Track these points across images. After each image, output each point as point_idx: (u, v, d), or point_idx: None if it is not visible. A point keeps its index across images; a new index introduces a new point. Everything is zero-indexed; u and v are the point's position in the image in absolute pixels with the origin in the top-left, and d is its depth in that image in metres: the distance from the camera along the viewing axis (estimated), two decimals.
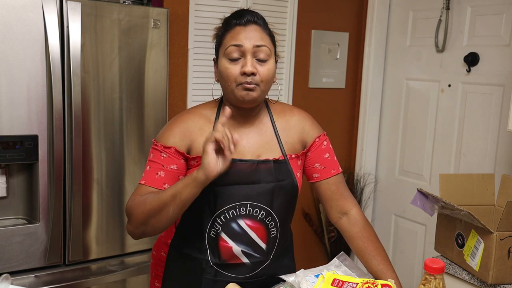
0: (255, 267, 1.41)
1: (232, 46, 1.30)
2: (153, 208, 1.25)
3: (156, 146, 1.37)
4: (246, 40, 1.30)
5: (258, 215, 1.38)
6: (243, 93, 1.31)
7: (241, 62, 1.30)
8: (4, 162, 1.88)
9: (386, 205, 3.19)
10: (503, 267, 1.61)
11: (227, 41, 1.32)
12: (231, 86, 1.32)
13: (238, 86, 1.30)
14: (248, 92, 1.30)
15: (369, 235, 1.46)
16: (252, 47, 1.30)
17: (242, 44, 1.30)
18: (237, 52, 1.30)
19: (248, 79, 1.29)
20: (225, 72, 1.32)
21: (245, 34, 1.31)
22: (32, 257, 1.97)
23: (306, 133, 1.47)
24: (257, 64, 1.31)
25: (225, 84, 1.34)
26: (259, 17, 1.35)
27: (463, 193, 1.87)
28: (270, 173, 1.38)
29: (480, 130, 2.62)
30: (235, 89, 1.31)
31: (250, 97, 1.31)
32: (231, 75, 1.30)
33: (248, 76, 1.29)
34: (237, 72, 1.30)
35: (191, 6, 2.50)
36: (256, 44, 1.30)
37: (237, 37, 1.30)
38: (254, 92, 1.31)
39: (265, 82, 1.32)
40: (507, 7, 2.48)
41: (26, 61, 1.86)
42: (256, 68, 1.30)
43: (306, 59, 2.98)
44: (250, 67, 1.29)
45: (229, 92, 1.34)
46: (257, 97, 1.32)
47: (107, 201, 2.12)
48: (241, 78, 1.30)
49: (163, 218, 1.26)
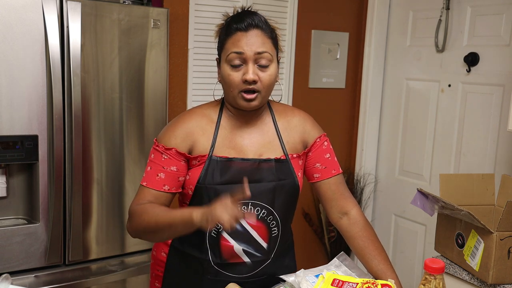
0: (255, 266, 1.41)
1: (233, 53, 1.31)
2: (150, 227, 1.30)
3: (157, 147, 1.37)
4: (247, 47, 1.30)
5: (259, 214, 1.38)
6: (244, 103, 1.33)
7: (243, 68, 1.31)
8: (4, 162, 1.88)
9: (386, 205, 3.19)
10: (503, 267, 1.61)
11: (228, 47, 1.33)
12: (233, 92, 1.34)
13: (239, 94, 1.32)
14: (248, 103, 1.33)
15: (369, 235, 1.46)
16: (254, 54, 1.31)
17: (243, 52, 1.30)
18: (238, 59, 1.31)
19: (249, 87, 1.31)
20: (227, 79, 1.33)
21: (246, 41, 1.31)
22: (32, 257, 1.96)
23: (307, 134, 1.48)
24: (258, 70, 1.32)
25: (227, 89, 1.36)
26: (260, 19, 1.35)
27: (463, 193, 1.87)
28: (272, 172, 1.39)
29: (480, 130, 2.62)
30: (236, 96, 1.33)
31: (251, 107, 1.35)
32: (233, 82, 1.32)
33: (249, 84, 1.31)
34: (239, 79, 1.31)
35: (191, 6, 2.50)
36: (257, 51, 1.31)
37: (238, 44, 1.31)
38: (255, 101, 1.33)
39: (266, 88, 1.34)
40: (507, 7, 2.47)
41: (26, 61, 1.86)
42: (258, 75, 1.31)
43: (306, 59, 2.98)
44: (252, 75, 1.30)
45: (231, 98, 1.36)
46: (258, 105, 1.35)
47: (107, 201, 2.12)
48: (242, 85, 1.31)
49: (157, 238, 1.41)
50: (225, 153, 1.37)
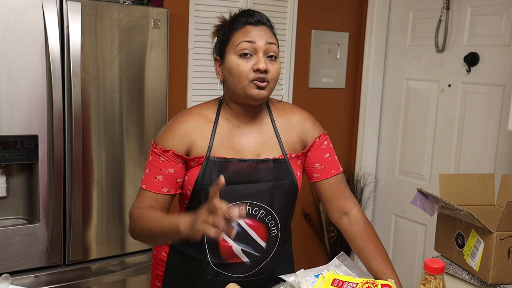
0: (254, 266, 1.41)
1: (244, 42, 1.31)
2: (144, 233, 1.33)
3: (155, 149, 1.37)
4: (258, 37, 1.32)
5: (258, 214, 1.38)
6: (256, 92, 1.32)
7: (253, 59, 1.32)
8: (4, 162, 1.88)
9: (386, 205, 3.19)
10: (503, 267, 1.61)
11: (237, 38, 1.33)
12: (243, 83, 1.32)
13: (250, 83, 1.31)
14: (260, 91, 1.32)
15: (369, 235, 1.46)
16: (265, 44, 1.32)
17: (255, 41, 1.31)
18: (249, 48, 1.31)
19: (261, 76, 1.31)
20: (236, 69, 1.32)
21: (256, 33, 1.33)
22: (32, 257, 1.97)
23: (306, 133, 1.47)
24: (268, 62, 1.32)
25: (234, 81, 1.33)
26: (267, 19, 1.38)
27: (463, 193, 1.87)
28: (270, 172, 1.38)
29: (480, 130, 2.62)
30: (246, 86, 1.32)
31: (262, 96, 1.33)
32: (243, 72, 1.31)
33: (261, 73, 1.31)
34: (249, 69, 1.31)
35: (191, 6, 2.50)
36: (268, 41, 1.33)
37: (249, 35, 1.32)
38: (265, 90, 1.33)
39: (274, 80, 1.35)
40: (507, 7, 2.48)
41: (26, 61, 1.86)
42: (268, 66, 1.32)
43: (306, 59, 2.98)
44: (264, 64, 1.30)
45: (239, 89, 1.33)
46: (267, 95, 1.35)
47: (107, 201, 2.12)
48: (253, 74, 1.31)
49: (154, 243, 1.49)
50: (222, 154, 1.37)
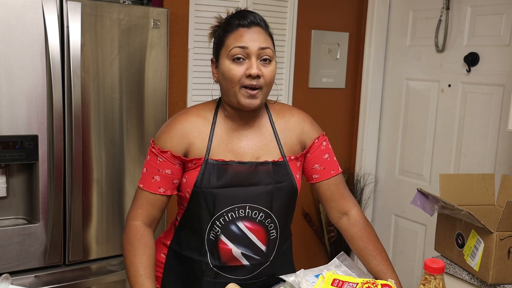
0: (255, 269, 1.41)
1: (237, 48, 1.29)
2: (124, 263, 1.41)
3: (153, 149, 1.37)
4: (251, 42, 1.30)
5: (257, 217, 1.37)
6: (246, 101, 1.30)
7: (246, 63, 1.30)
8: (4, 162, 1.88)
9: (386, 205, 3.19)
10: (503, 267, 1.61)
11: (230, 42, 1.31)
12: (235, 88, 1.30)
13: (242, 89, 1.30)
14: (251, 100, 1.30)
15: (369, 235, 1.46)
16: (257, 49, 1.30)
17: (247, 46, 1.29)
18: (241, 53, 1.29)
19: (253, 82, 1.29)
20: (228, 73, 1.30)
21: (249, 36, 1.30)
22: (32, 257, 1.96)
23: (305, 135, 1.46)
24: (261, 66, 1.30)
25: (227, 86, 1.32)
26: (261, 19, 1.35)
27: (463, 193, 1.87)
28: (269, 175, 1.38)
29: (480, 130, 2.62)
30: (238, 93, 1.30)
31: (253, 105, 1.32)
32: (235, 76, 1.29)
33: (253, 79, 1.29)
34: (241, 74, 1.29)
35: (191, 6, 2.50)
36: (261, 46, 1.30)
37: (242, 39, 1.30)
38: (257, 99, 1.31)
39: (268, 84, 1.32)
40: (507, 7, 2.47)
41: (26, 61, 1.86)
42: (261, 70, 1.30)
43: (306, 59, 2.98)
44: (256, 70, 1.28)
45: (231, 94, 1.32)
46: (259, 104, 1.33)
47: (107, 201, 2.12)
48: (245, 80, 1.29)
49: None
50: (221, 156, 1.36)
